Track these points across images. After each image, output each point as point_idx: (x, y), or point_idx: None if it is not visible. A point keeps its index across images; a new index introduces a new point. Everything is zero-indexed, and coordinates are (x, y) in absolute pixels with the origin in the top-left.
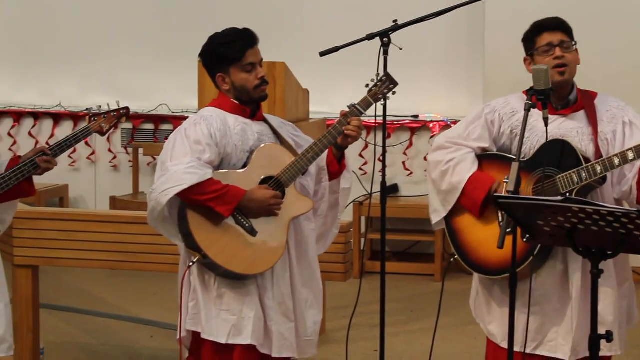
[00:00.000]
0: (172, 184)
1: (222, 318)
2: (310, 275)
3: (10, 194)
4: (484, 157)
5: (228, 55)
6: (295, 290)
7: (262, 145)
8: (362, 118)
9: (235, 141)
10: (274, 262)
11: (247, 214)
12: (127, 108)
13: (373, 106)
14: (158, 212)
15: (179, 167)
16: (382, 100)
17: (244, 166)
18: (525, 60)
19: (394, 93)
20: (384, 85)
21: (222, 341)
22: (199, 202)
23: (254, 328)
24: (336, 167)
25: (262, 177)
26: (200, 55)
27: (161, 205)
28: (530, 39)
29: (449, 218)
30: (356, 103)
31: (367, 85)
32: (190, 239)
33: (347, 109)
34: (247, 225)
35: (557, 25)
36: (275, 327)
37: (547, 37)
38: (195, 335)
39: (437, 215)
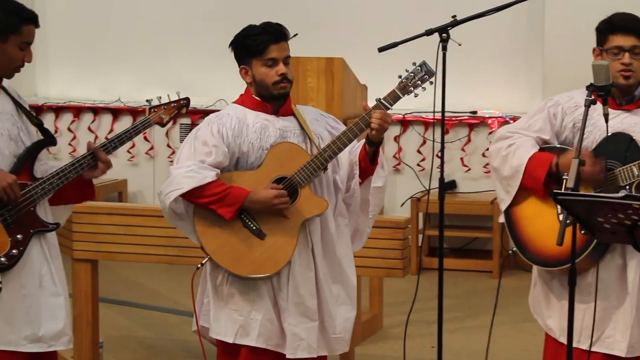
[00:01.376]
0: (172, 187)
1: (231, 318)
2: (341, 272)
3: (62, 197)
4: (545, 150)
5: (251, 47)
6: (321, 288)
7: (276, 144)
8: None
9: (252, 139)
10: (283, 264)
11: (254, 215)
12: (187, 99)
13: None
14: (167, 213)
15: (180, 170)
16: (415, 92)
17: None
18: (594, 50)
19: (431, 83)
20: (418, 77)
21: (230, 340)
22: (201, 205)
23: (260, 330)
24: (368, 164)
25: (275, 177)
26: (229, 45)
27: (166, 207)
28: (603, 33)
29: (508, 209)
30: (382, 97)
31: (400, 76)
32: (198, 240)
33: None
34: (254, 227)
35: (633, 28)
36: (289, 328)
37: (619, 39)
38: None
39: (504, 203)
